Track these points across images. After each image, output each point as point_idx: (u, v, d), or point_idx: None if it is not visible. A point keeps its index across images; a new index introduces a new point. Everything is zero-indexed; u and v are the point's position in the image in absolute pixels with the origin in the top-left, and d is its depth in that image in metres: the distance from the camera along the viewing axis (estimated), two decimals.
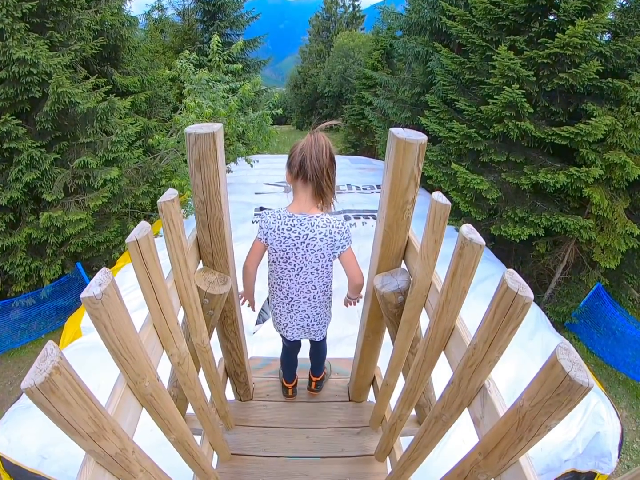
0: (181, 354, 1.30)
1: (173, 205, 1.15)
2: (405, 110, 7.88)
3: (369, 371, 2.09)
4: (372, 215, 6.59)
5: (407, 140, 1.23)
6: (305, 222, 1.54)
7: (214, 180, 1.31)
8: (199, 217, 1.42)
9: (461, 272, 1.06)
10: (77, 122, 5.07)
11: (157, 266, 1.07)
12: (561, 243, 5.48)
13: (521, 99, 5.09)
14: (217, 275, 1.54)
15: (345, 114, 14.53)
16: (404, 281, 1.51)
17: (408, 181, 1.32)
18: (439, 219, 1.18)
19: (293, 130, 21.22)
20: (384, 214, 1.42)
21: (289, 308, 1.74)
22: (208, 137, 1.23)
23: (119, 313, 0.90)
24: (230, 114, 6.01)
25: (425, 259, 1.28)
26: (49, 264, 4.73)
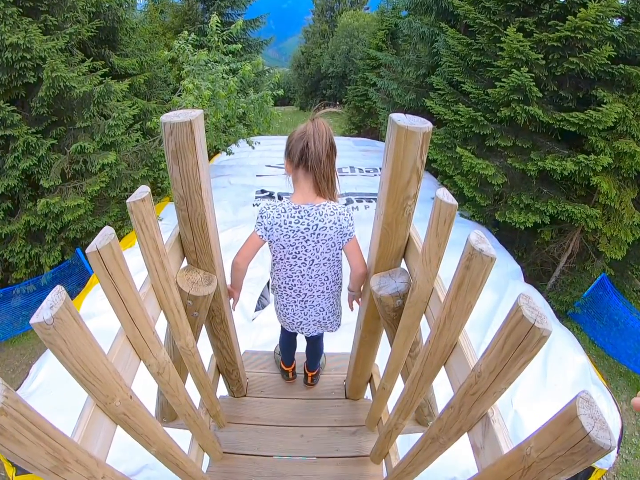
0: (160, 364, 1.18)
1: (144, 205, 1.01)
2: (410, 92, 7.59)
3: (365, 370, 1.98)
4: (375, 198, 6.40)
5: (409, 129, 1.07)
6: (313, 212, 1.41)
7: (193, 173, 1.17)
8: (179, 213, 1.28)
9: (468, 286, 0.91)
10: (73, 107, 4.89)
11: (125, 275, 0.94)
12: (566, 231, 5.29)
13: (530, 82, 4.84)
14: (201, 274, 1.41)
15: (349, 94, 14.14)
16: (403, 283, 1.37)
17: (410, 175, 1.17)
18: (444, 220, 1.03)
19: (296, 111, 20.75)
20: (383, 210, 1.27)
21: (303, 305, 1.63)
22: (185, 125, 1.07)
23: (77, 336, 0.78)
24: (230, 95, 5.78)
25: (426, 263, 1.14)
26: (48, 251, 4.63)
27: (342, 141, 10.77)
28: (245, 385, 2.17)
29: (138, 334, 1.05)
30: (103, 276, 0.89)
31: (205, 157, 1.22)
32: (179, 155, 1.12)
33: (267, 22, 11.91)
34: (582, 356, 3.76)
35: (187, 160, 1.14)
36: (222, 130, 6.51)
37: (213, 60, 5.89)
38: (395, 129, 1.10)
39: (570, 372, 3.60)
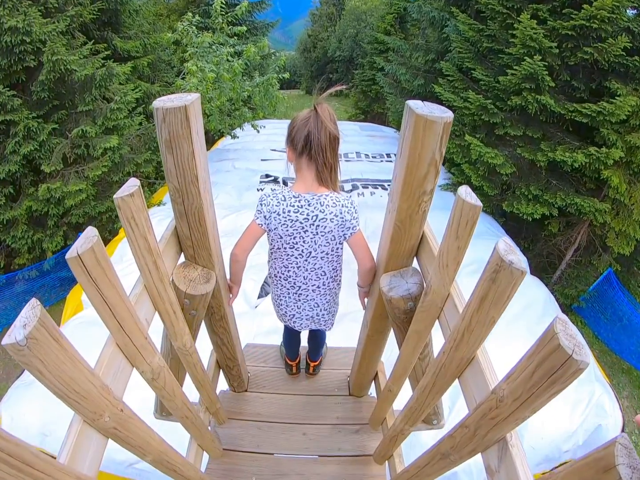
0: (154, 370, 1.09)
1: (133, 201, 0.89)
2: (419, 77, 7.33)
3: (371, 369, 1.89)
4: (382, 185, 6.25)
5: (428, 118, 0.95)
6: (313, 202, 1.32)
7: (189, 164, 1.05)
8: (175, 207, 1.17)
9: (492, 300, 0.81)
10: (75, 90, 4.73)
11: (111, 280, 0.83)
12: (574, 224, 5.14)
13: (543, 71, 4.63)
14: (199, 271, 1.30)
15: (356, 79, 13.77)
16: (415, 285, 1.26)
17: (427, 168, 1.04)
18: (466, 222, 0.91)
19: (302, 94, 20.30)
20: (396, 206, 1.15)
21: (297, 298, 1.56)
22: (179, 111, 0.95)
23: (55, 355, 0.69)
24: (234, 77, 5.59)
25: (443, 267, 1.02)
26: (50, 236, 4.55)
27: (348, 126, 10.53)
28: (247, 380, 2.10)
29: (129, 341, 0.95)
30: (86, 283, 0.79)
31: (202, 146, 1.10)
32: (173, 144, 1.00)
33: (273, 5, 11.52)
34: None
35: (182, 150, 1.02)
36: (226, 114, 6.34)
37: (217, 43, 5.69)
38: (412, 117, 0.97)
39: None
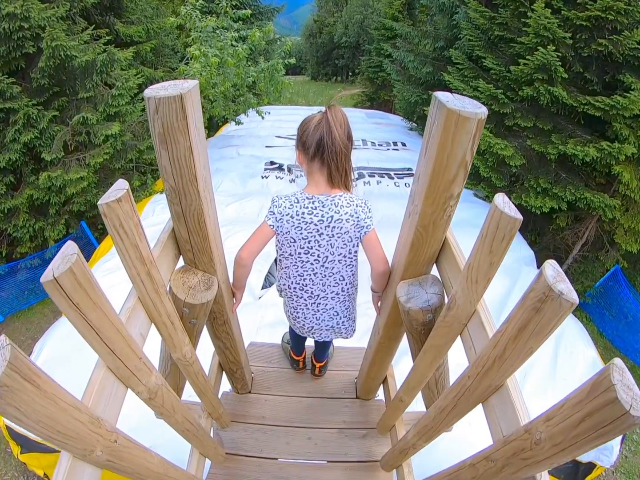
0: (151, 390, 0.97)
1: (121, 207, 0.76)
2: (427, 65, 7.06)
3: (380, 374, 1.78)
4: (388, 174, 6.06)
5: (461, 114, 0.80)
6: (328, 203, 1.23)
7: (186, 160, 0.91)
8: (171, 207, 1.04)
9: (533, 331, 0.69)
10: (75, 77, 4.55)
11: (96, 302, 0.71)
12: (583, 219, 4.97)
13: (556, 62, 4.43)
14: (199, 276, 1.18)
15: (362, 65, 13.43)
16: (435, 295, 1.13)
17: (456, 170, 0.90)
18: (502, 236, 0.78)
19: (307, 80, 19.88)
20: (418, 210, 1.01)
21: (315, 308, 1.43)
22: (174, 101, 0.81)
23: (32, 398, 0.57)
24: (239, 63, 5.38)
25: (472, 283, 0.89)
26: (52, 224, 4.43)
27: (354, 113, 10.28)
28: (250, 382, 2.00)
29: (121, 364, 0.84)
30: (67, 308, 0.67)
31: (201, 139, 0.96)
32: (168, 138, 0.87)
33: None
34: (592, 350, 3.56)
35: (178, 145, 0.88)
36: (231, 100, 6.14)
37: (221, 27, 5.45)
38: (443, 112, 0.82)
39: (580, 367, 3.41)
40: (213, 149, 6.86)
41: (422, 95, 7.42)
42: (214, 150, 6.80)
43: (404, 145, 7.54)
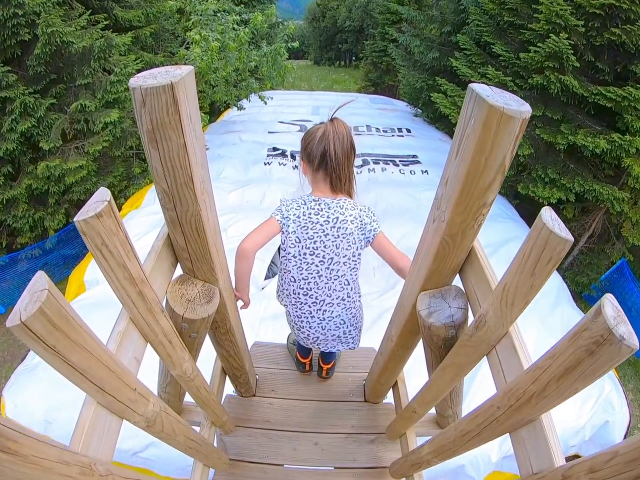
0: (149, 418, 0.86)
1: (102, 223, 0.63)
2: (433, 50, 6.79)
3: (391, 380, 1.68)
4: (392, 160, 5.87)
5: (505, 112, 0.66)
6: (333, 205, 1.25)
7: (180, 160, 0.77)
8: (166, 213, 0.91)
9: (583, 374, 0.59)
10: (73, 63, 4.35)
11: (78, 340, 0.59)
12: (590, 211, 4.82)
13: (568, 50, 4.22)
14: (199, 287, 1.05)
15: (367, 50, 13.02)
16: (460, 310, 1.01)
17: (494, 176, 0.77)
18: (549, 259, 0.66)
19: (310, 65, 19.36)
20: (446, 217, 0.87)
21: (321, 316, 1.35)
22: (163, 92, 0.67)
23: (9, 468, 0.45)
24: (240, 47, 5.15)
25: (507, 305, 0.77)
26: (52, 214, 4.30)
27: (358, 98, 10.00)
28: (255, 385, 1.89)
29: (112, 400, 0.72)
30: (43, 352, 0.55)
31: (197, 134, 0.82)
32: (158, 136, 0.73)
33: None
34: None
35: (171, 143, 0.74)
36: (232, 84, 5.93)
37: (222, 10, 5.20)
38: (483, 109, 0.68)
39: None
40: (215, 135, 6.67)
41: (427, 80, 7.17)
42: (215, 136, 6.60)
43: (408, 132, 7.31)
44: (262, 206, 4.65)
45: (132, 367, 0.86)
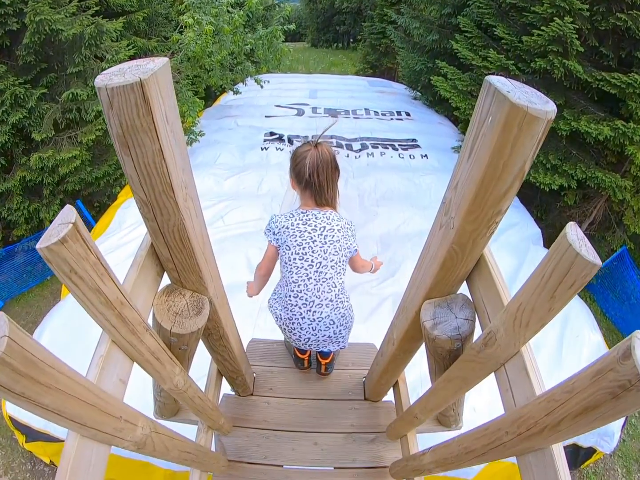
0: (138, 442, 0.79)
1: (68, 248, 0.54)
2: (433, 32, 6.54)
3: (392, 380, 1.62)
4: (392, 145, 5.71)
5: (530, 112, 0.57)
6: (320, 216, 1.34)
7: (156, 167, 0.67)
8: (146, 223, 0.81)
9: (604, 415, 0.55)
10: (63, 51, 4.16)
11: (49, 383, 0.52)
12: (591, 198, 4.71)
13: (572, 34, 4.03)
14: (187, 298, 0.97)
15: (365, 32, 12.57)
16: (466, 322, 0.93)
17: (511, 182, 0.67)
18: (572, 282, 0.57)
19: (308, 47, 18.74)
20: (455, 225, 0.78)
21: (311, 317, 1.40)
22: (131, 91, 0.57)
23: None
24: (235, 30, 4.94)
25: (521, 326, 0.70)
26: (47, 205, 4.18)
27: (356, 81, 9.71)
28: (252, 384, 1.84)
29: (97, 432, 0.65)
30: (10, 398, 0.47)
31: (177, 135, 0.72)
32: (130, 141, 0.63)
33: None
34: (598, 335, 3.41)
35: (144, 149, 0.64)
36: (228, 68, 5.71)
37: None
38: (503, 107, 0.58)
39: (585, 352, 3.28)
40: (211, 120, 6.48)
41: (427, 63, 6.93)
42: (211, 121, 6.41)
43: (408, 115, 7.10)
44: (260, 192, 4.52)
45: (118, 390, 0.79)
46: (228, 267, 3.60)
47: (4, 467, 2.89)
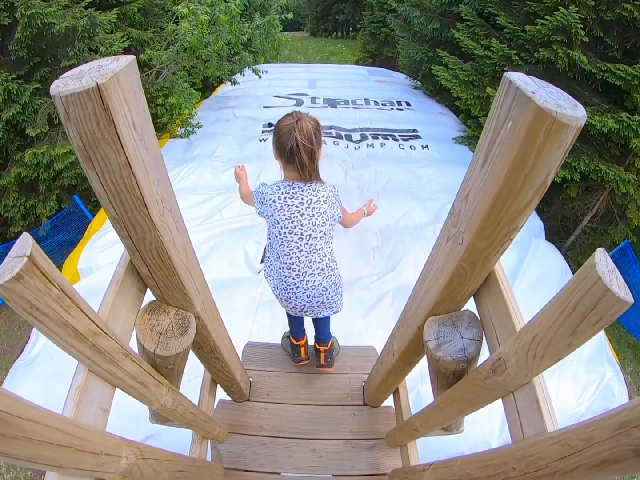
0: (124, 472, 0.72)
1: (24, 285, 0.46)
2: (434, 21, 6.33)
3: (392, 388, 1.55)
4: (392, 135, 5.54)
5: (559, 117, 0.47)
6: (306, 189, 1.35)
7: (125, 182, 0.59)
8: (122, 239, 0.72)
9: (624, 469, 0.48)
10: (57, 45, 4.03)
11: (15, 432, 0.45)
12: (594, 190, 4.59)
13: (577, 24, 3.88)
14: (172, 316, 0.88)
15: (364, 20, 12.26)
16: (473, 342, 0.85)
17: (532, 196, 0.58)
18: (599, 319, 0.49)
19: (306, 36, 18.32)
20: (465, 240, 0.69)
21: (304, 286, 1.45)
22: (88, 98, 0.47)
23: None
24: (232, 20, 4.77)
25: (535, 358, 0.62)
26: (44, 201, 4.08)
27: (355, 70, 9.46)
28: (248, 389, 1.77)
29: (75, 470, 0.58)
30: None
31: (148, 144, 0.62)
32: (93, 155, 0.54)
33: None
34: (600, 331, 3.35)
35: (109, 162, 0.55)
36: (226, 59, 5.55)
37: None
38: (527, 110, 0.49)
39: (586, 348, 3.21)
40: (208, 111, 6.32)
41: (427, 52, 6.73)
42: (209, 113, 6.25)
43: (408, 105, 6.92)
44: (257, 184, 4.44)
45: (99, 420, 0.71)
46: (226, 262, 3.52)
47: (6, 465, 2.86)
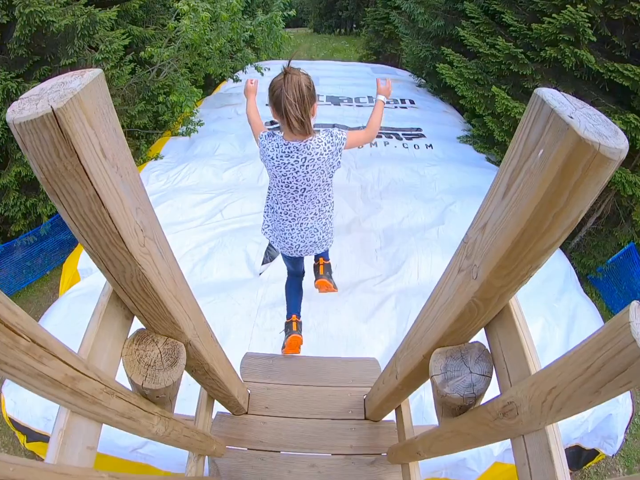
0: None
1: None
2: (438, 18, 6.18)
3: (393, 406, 1.48)
4: (396, 134, 5.42)
5: (602, 151, 0.39)
6: (301, 148, 1.40)
7: (96, 216, 0.51)
8: (101, 272, 0.65)
9: None
10: (56, 43, 3.95)
11: None
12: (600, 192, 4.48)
13: (585, 23, 3.77)
14: (160, 345, 0.81)
15: (368, 17, 12.05)
16: (482, 378, 0.77)
17: (560, 235, 0.50)
18: (627, 382, 0.43)
19: (310, 33, 18.09)
20: (480, 276, 0.62)
21: (299, 228, 1.59)
22: (43, 127, 0.40)
23: None
24: (233, 16, 4.66)
25: (550, 409, 0.54)
26: (44, 200, 3.98)
27: (359, 67, 9.31)
28: (247, 403, 1.71)
29: None
30: None
31: (122, 169, 0.55)
32: (57, 188, 0.46)
33: None
34: None
35: (76, 196, 0.47)
36: (227, 56, 5.45)
37: None
38: (565, 139, 0.41)
39: None
40: (210, 109, 6.22)
41: (432, 50, 6.58)
42: (210, 110, 6.15)
43: (412, 103, 6.77)
44: (259, 184, 4.33)
45: (86, 460, 0.66)
46: (227, 263, 3.45)
47: None
